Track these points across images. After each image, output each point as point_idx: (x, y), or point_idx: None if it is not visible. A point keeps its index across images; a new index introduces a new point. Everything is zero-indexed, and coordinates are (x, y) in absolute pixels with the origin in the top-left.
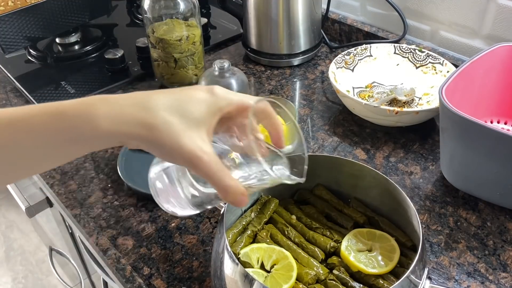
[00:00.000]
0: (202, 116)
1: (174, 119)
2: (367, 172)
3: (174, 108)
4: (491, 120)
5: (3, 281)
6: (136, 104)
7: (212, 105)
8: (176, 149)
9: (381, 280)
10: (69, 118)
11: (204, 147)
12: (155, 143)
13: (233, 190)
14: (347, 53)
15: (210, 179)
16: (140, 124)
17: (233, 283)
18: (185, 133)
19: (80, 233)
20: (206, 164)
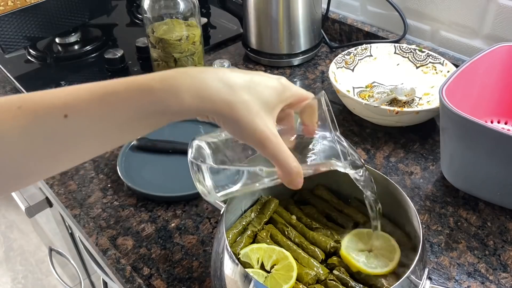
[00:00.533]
0: (273, 102)
1: (251, 100)
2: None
3: (250, 89)
4: (491, 120)
5: (3, 281)
6: (218, 80)
7: (281, 94)
8: (250, 128)
9: (381, 280)
10: (157, 92)
11: (274, 130)
12: (232, 120)
13: (296, 171)
14: (347, 53)
15: (276, 160)
16: (223, 101)
17: (233, 283)
18: (259, 114)
19: (80, 233)
20: (275, 146)
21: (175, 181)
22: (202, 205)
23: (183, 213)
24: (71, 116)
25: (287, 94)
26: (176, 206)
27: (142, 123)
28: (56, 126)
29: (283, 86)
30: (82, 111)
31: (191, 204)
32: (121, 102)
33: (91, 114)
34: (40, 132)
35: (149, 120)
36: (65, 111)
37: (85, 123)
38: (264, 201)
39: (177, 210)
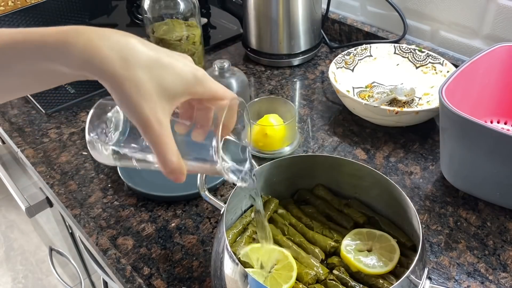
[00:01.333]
0: (175, 91)
1: (146, 81)
2: (367, 172)
3: (151, 70)
4: (491, 120)
5: (3, 281)
6: (116, 50)
7: (190, 86)
8: (134, 110)
9: (381, 280)
10: (48, 52)
11: (162, 118)
12: (118, 95)
13: (174, 167)
14: (347, 53)
15: (154, 149)
16: (112, 74)
17: (233, 283)
18: (150, 98)
19: (80, 233)
20: (156, 135)
21: None
22: (202, 205)
23: (183, 213)
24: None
25: (198, 89)
26: (176, 206)
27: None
28: None
29: (196, 79)
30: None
31: (191, 204)
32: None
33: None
34: None
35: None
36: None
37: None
38: (264, 201)
39: (177, 210)
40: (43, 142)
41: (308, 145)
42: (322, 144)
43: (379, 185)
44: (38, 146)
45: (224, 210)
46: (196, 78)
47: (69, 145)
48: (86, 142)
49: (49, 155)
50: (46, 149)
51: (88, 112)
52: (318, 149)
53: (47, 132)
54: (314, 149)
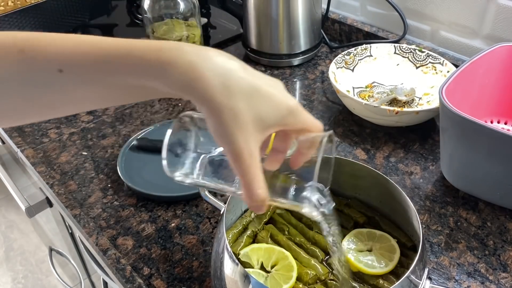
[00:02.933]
0: (269, 122)
1: (244, 110)
2: (367, 172)
3: (251, 99)
4: (491, 120)
5: (3, 281)
6: (218, 75)
7: (284, 117)
8: (227, 138)
9: (381, 280)
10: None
11: (253, 149)
12: (214, 122)
13: (259, 199)
14: (347, 53)
15: (242, 179)
16: (212, 100)
17: (233, 283)
18: (245, 128)
19: (80, 233)
20: (246, 165)
21: None
22: (202, 205)
23: (183, 213)
24: (65, 72)
25: (291, 121)
26: (176, 206)
27: (132, 92)
28: (50, 78)
29: (290, 111)
30: (75, 70)
31: (191, 204)
32: (112, 71)
33: (83, 75)
34: (36, 81)
35: (139, 91)
36: (61, 66)
37: (77, 81)
38: None
39: (177, 210)
40: (43, 142)
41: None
42: None
43: (379, 185)
44: (38, 146)
45: (224, 210)
46: (290, 110)
47: (69, 145)
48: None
49: (49, 155)
50: (46, 149)
51: (87, 112)
52: None
53: (47, 132)
54: None
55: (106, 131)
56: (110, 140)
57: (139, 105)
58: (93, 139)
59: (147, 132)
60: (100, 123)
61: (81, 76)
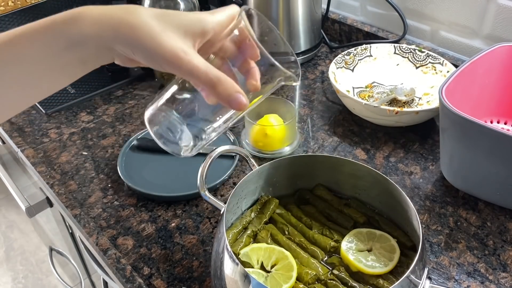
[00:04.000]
0: (190, 29)
1: (155, 22)
2: (367, 172)
3: (159, 16)
4: (491, 120)
5: (3, 281)
6: (120, 8)
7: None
8: (157, 48)
9: (381, 280)
10: (58, 25)
11: (186, 48)
12: (137, 44)
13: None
14: (347, 53)
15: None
16: (122, 24)
17: (233, 283)
18: (165, 33)
19: (80, 233)
20: (188, 62)
21: (175, 181)
22: (202, 205)
23: (183, 213)
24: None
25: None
26: (176, 206)
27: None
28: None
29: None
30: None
31: (191, 204)
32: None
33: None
34: None
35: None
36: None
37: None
38: (264, 201)
39: (177, 210)
40: (43, 142)
41: (308, 145)
42: (322, 144)
43: (379, 185)
44: (38, 146)
45: (224, 210)
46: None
47: (69, 145)
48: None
49: (49, 155)
50: (46, 149)
51: (87, 112)
52: (318, 149)
53: (47, 132)
54: (314, 149)
55: (106, 131)
56: (110, 140)
57: (139, 105)
58: (93, 139)
59: (147, 132)
60: (100, 123)
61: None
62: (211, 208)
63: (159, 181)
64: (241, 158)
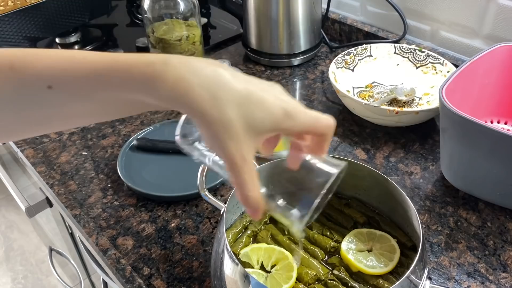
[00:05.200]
0: (263, 128)
1: (235, 119)
2: (367, 172)
3: (241, 107)
4: (491, 120)
5: (3, 281)
6: (205, 86)
7: (279, 123)
8: (221, 148)
9: (381, 280)
10: (136, 85)
11: (246, 155)
12: (208, 132)
13: (252, 205)
14: (347, 53)
15: (237, 184)
16: (201, 113)
17: (233, 283)
18: (237, 137)
19: (80, 233)
20: (238, 172)
21: (175, 181)
22: (202, 205)
23: (183, 213)
24: (55, 89)
25: (288, 124)
26: (176, 206)
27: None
28: (40, 95)
29: (286, 115)
30: (65, 86)
31: (191, 204)
32: (102, 86)
33: (74, 91)
34: (27, 99)
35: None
36: (51, 82)
37: (67, 98)
38: None
39: (177, 210)
40: (43, 142)
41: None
42: None
43: (379, 185)
44: (38, 146)
45: (224, 210)
46: (286, 113)
47: (69, 145)
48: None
49: (49, 155)
50: (46, 149)
51: None
52: None
53: None
54: None
55: (106, 131)
56: (110, 140)
57: None
58: (93, 139)
59: (147, 132)
60: (100, 123)
61: (70, 92)
62: (211, 208)
63: (159, 181)
64: None
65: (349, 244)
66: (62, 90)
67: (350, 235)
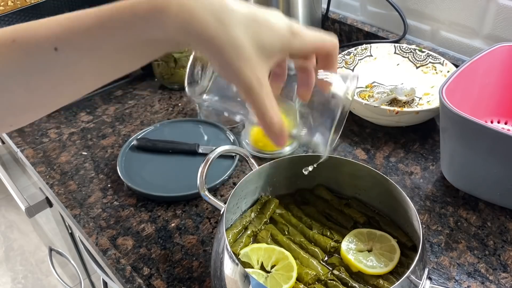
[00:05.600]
0: (273, 49)
1: (245, 41)
2: (367, 172)
3: (248, 29)
4: (491, 120)
5: (3, 281)
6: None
7: (287, 43)
8: (236, 74)
9: (381, 280)
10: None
11: (262, 78)
12: (218, 61)
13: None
14: (347, 53)
15: (257, 111)
16: (210, 39)
17: (233, 283)
18: (250, 60)
19: (80, 233)
20: (258, 97)
21: (175, 181)
22: (202, 205)
23: (183, 213)
24: (61, 49)
25: (296, 44)
26: (176, 206)
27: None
28: (47, 60)
29: (293, 34)
30: (71, 43)
31: (191, 204)
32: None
33: (80, 47)
34: (35, 66)
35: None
36: (55, 43)
37: (75, 55)
38: (264, 201)
39: (177, 210)
40: (42, 142)
41: (308, 145)
42: None
43: (379, 185)
44: (38, 146)
45: (224, 210)
46: (293, 32)
47: (69, 145)
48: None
49: (49, 155)
50: (45, 149)
51: (87, 111)
52: None
53: (46, 132)
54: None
55: (106, 131)
56: (110, 140)
57: (139, 105)
58: (93, 139)
59: (147, 132)
60: (100, 123)
61: (78, 49)
62: (211, 208)
63: (159, 181)
64: (241, 158)
65: (349, 244)
66: (68, 49)
67: (350, 235)
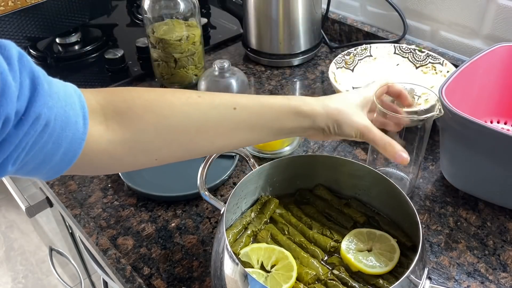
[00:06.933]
0: (360, 103)
1: (344, 108)
2: (367, 172)
3: (339, 103)
4: (491, 120)
5: (3, 281)
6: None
7: (362, 97)
8: (351, 124)
9: (381, 280)
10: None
11: (368, 123)
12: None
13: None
14: (347, 53)
15: (377, 142)
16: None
17: (233, 283)
18: (355, 114)
19: (80, 233)
20: (374, 132)
21: (175, 181)
22: (202, 205)
23: (183, 213)
24: (238, 109)
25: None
26: (176, 206)
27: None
28: (226, 114)
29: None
30: (247, 108)
31: (191, 204)
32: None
33: (251, 112)
34: (215, 116)
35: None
36: (235, 105)
37: (247, 116)
38: (264, 201)
39: (177, 210)
40: None
41: (308, 145)
42: (322, 144)
43: (379, 185)
44: None
45: (224, 210)
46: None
47: None
48: None
49: None
50: None
51: None
52: (318, 149)
53: None
54: (314, 149)
55: None
56: None
57: None
58: None
59: None
60: None
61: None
62: (211, 208)
63: (159, 181)
64: (241, 158)
65: (349, 244)
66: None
67: (350, 235)
